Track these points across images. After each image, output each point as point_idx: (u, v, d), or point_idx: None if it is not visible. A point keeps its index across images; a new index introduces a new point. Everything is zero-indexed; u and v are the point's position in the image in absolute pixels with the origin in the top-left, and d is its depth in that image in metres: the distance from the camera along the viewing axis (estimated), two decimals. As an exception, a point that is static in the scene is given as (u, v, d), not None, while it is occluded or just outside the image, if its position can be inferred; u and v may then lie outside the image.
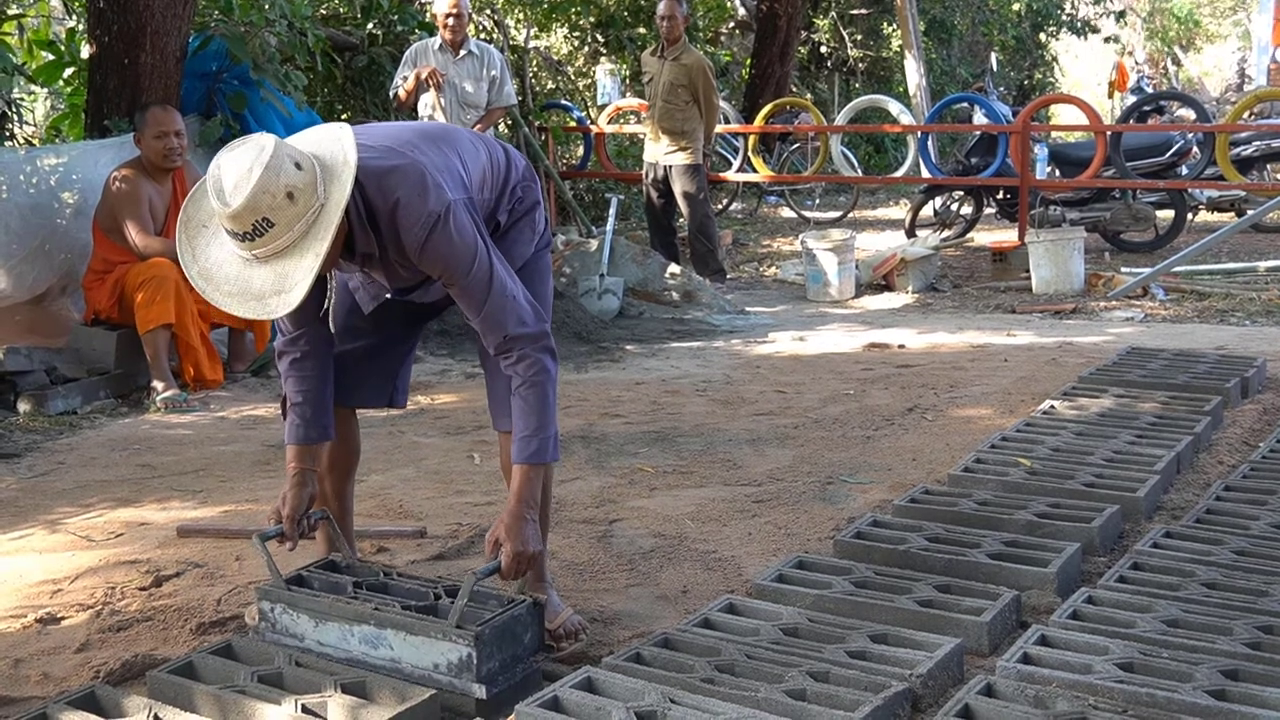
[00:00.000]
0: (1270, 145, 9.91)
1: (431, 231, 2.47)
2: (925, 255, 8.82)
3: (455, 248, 2.50)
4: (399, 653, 2.55)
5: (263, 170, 2.29)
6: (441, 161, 2.59)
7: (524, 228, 2.85)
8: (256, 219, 2.30)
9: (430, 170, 2.52)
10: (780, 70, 14.78)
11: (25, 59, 7.50)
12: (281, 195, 2.30)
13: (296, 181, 2.32)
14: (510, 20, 13.43)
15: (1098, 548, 3.32)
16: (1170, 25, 30.36)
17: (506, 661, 2.52)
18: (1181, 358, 5.54)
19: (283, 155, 2.32)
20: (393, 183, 2.48)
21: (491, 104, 7.55)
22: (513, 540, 2.57)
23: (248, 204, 2.29)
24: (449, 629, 2.48)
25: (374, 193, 2.48)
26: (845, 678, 2.45)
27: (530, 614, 2.58)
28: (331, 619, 2.62)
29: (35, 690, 2.66)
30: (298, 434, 2.78)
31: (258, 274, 2.36)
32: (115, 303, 5.64)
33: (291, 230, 2.33)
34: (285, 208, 2.31)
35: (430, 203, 2.47)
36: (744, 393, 5.54)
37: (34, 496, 4.17)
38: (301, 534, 2.78)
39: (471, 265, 2.52)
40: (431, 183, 2.49)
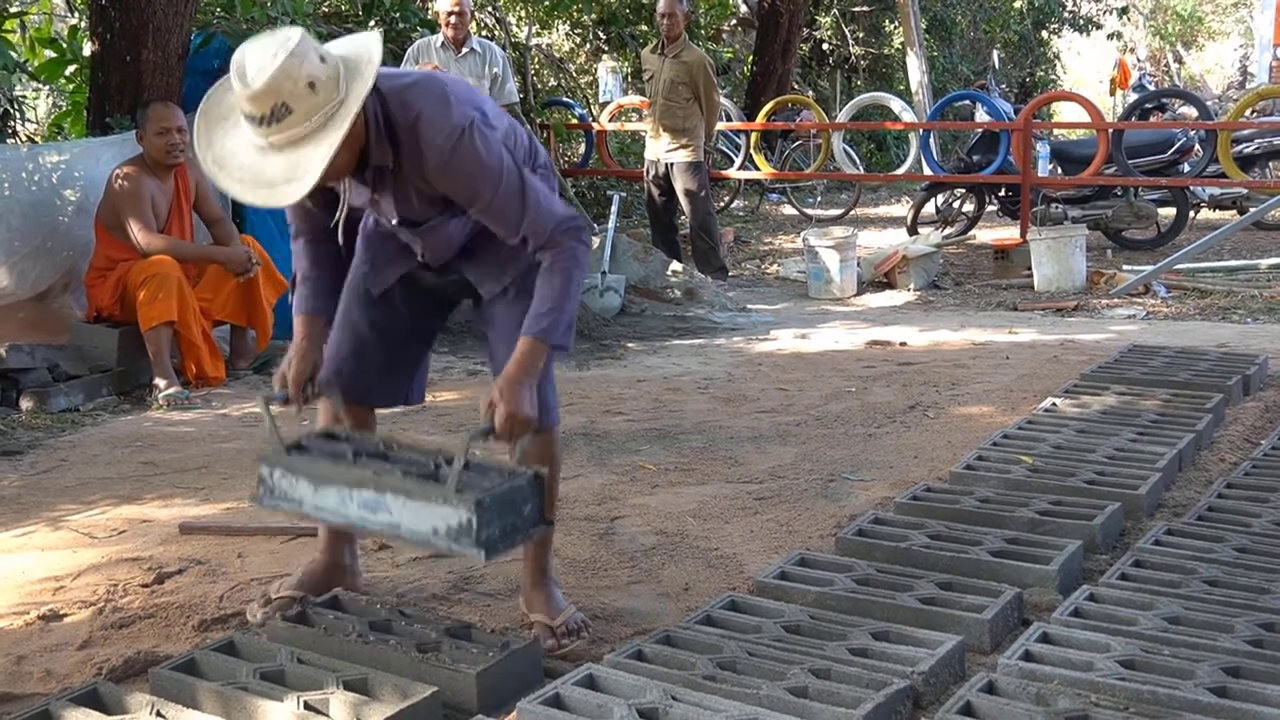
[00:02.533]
0: (1272, 143, 9.90)
1: (457, 144, 2.47)
2: (927, 253, 8.82)
3: (481, 162, 2.49)
4: (398, 518, 2.51)
5: (287, 56, 2.31)
6: (465, 92, 2.60)
7: None
8: (276, 103, 2.32)
9: (454, 89, 2.54)
10: (782, 67, 14.78)
11: (27, 56, 7.50)
12: (303, 83, 2.32)
13: (319, 73, 2.34)
14: (512, 18, 13.43)
15: (1099, 545, 3.32)
16: (1172, 22, 30.34)
17: (506, 530, 2.49)
18: (1183, 355, 5.54)
19: (308, 46, 2.35)
20: (414, 96, 2.49)
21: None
22: (507, 403, 2.53)
23: (269, 86, 2.30)
24: (450, 494, 2.44)
25: (395, 106, 2.48)
26: (847, 675, 2.46)
27: (531, 486, 2.55)
28: (331, 484, 2.58)
29: (37, 687, 2.67)
30: (306, 305, 2.82)
31: (271, 162, 2.37)
32: (117, 300, 5.64)
33: (309, 120, 2.34)
34: (305, 96, 2.32)
35: (454, 116, 2.47)
36: (746, 390, 5.54)
37: (36, 494, 4.18)
38: (306, 399, 2.80)
39: (500, 179, 2.51)
40: (454, 99, 2.50)
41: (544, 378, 2.75)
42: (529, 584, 2.93)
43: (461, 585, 3.19)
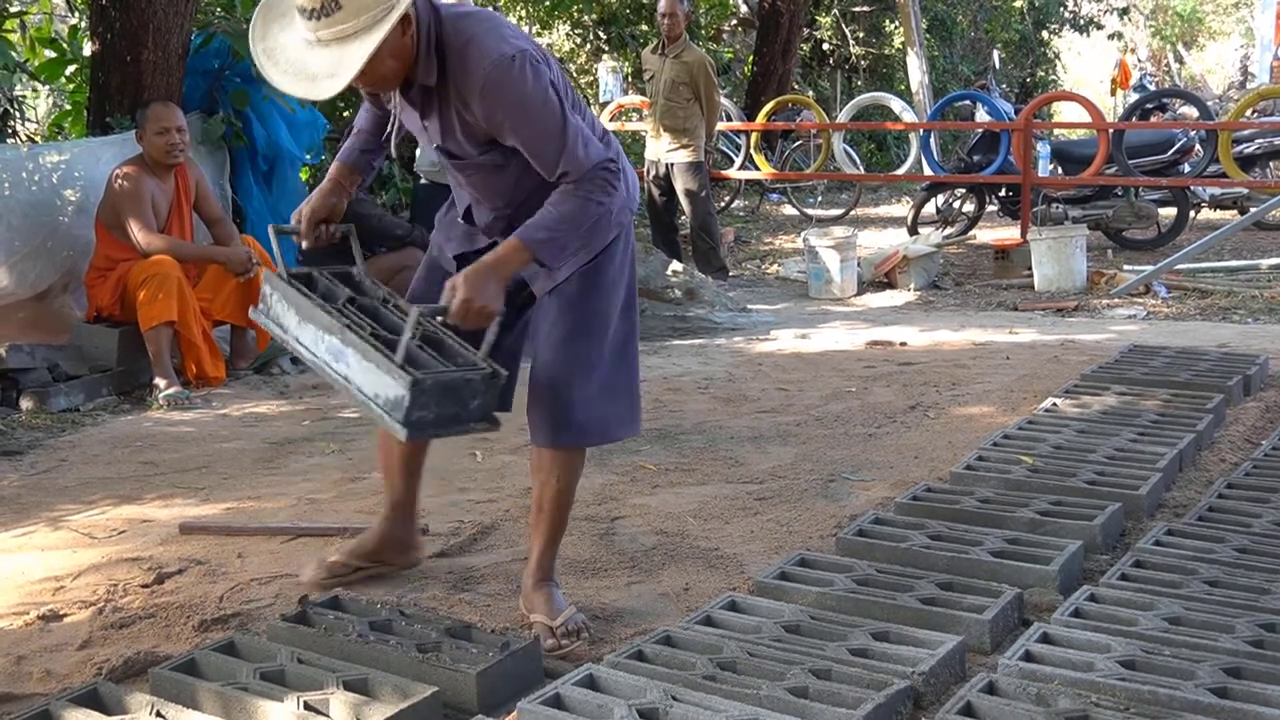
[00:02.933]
0: (1273, 143, 9.90)
1: (503, 71, 2.49)
2: (927, 253, 8.82)
3: (525, 92, 2.50)
4: (352, 372, 2.58)
5: None
6: (519, 32, 2.61)
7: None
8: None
9: (508, 25, 2.56)
10: (782, 67, 14.78)
11: (27, 56, 7.50)
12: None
13: None
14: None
15: (1100, 545, 3.32)
16: (1173, 22, 30.35)
17: (444, 418, 2.54)
18: (1184, 355, 5.53)
19: None
20: (470, 24, 2.54)
21: None
22: (467, 286, 2.55)
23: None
24: (393, 366, 2.50)
25: (449, 29, 2.54)
26: (847, 675, 2.45)
27: (484, 381, 2.59)
28: (310, 322, 2.67)
29: (37, 687, 2.67)
30: (343, 154, 2.94)
31: (316, 57, 2.44)
32: (117, 300, 5.64)
33: (358, 19, 2.39)
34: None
35: (504, 46, 2.50)
36: (746, 390, 5.54)
37: (36, 494, 4.18)
38: (318, 238, 2.86)
39: (541, 112, 2.51)
40: (509, 31, 2.54)
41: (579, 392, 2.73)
42: (530, 584, 2.93)
43: (462, 585, 3.19)
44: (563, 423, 2.77)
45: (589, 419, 2.79)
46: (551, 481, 2.84)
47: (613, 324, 2.82)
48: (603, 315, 2.79)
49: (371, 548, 3.17)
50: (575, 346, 2.76)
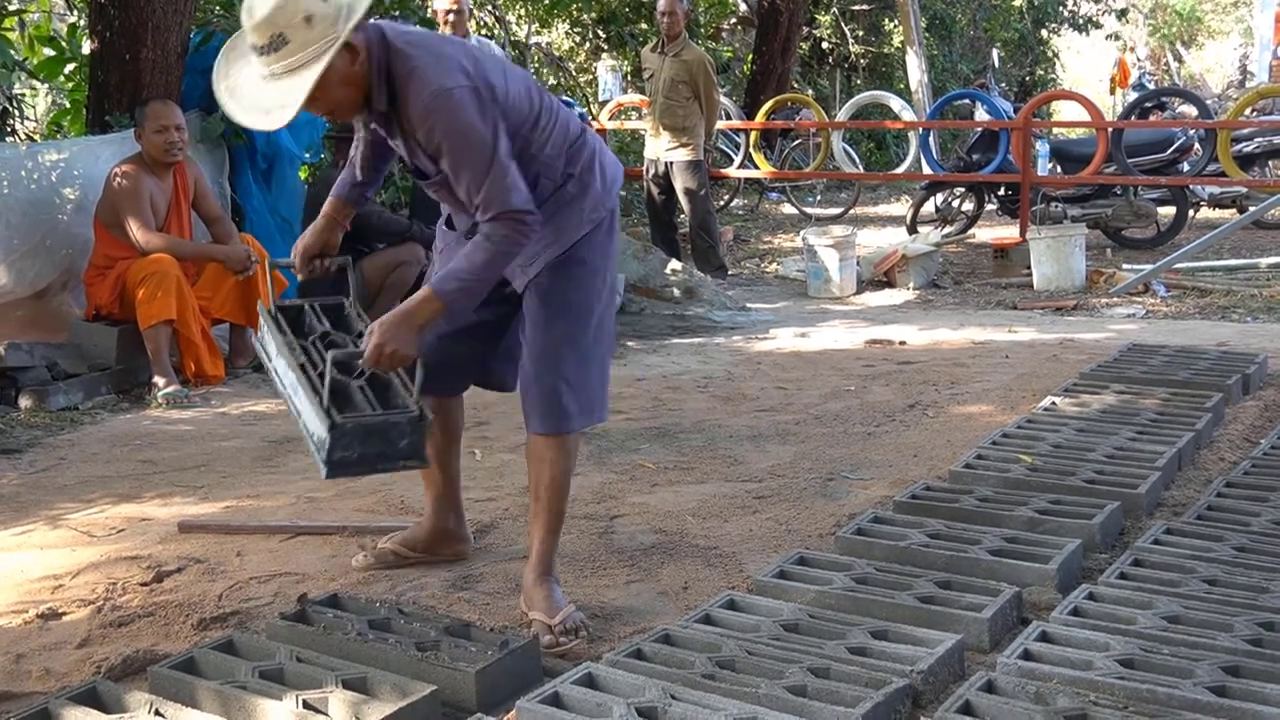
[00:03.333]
0: (1272, 142, 9.89)
1: (438, 101, 2.59)
2: (926, 252, 8.81)
3: (458, 125, 2.60)
4: (301, 409, 2.81)
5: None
6: (472, 60, 2.69)
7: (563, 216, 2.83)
8: (274, 33, 2.51)
9: (455, 56, 2.65)
10: (781, 66, 14.78)
11: (26, 54, 7.49)
12: (300, 17, 2.50)
13: (317, 10, 2.51)
14: (511, 16, 13.43)
15: (1098, 544, 3.32)
16: (1172, 21, 30.35)
17: (369, 457, 2.72)
18: (1183, 354, 5.53)
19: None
20: (415, 52, 2.64)
21: None
22: (380, 333, 2.69)
23: (269, 17, 2.50)
24: (318, 408, 2.71)
25: (397, 59, 2.64)
26: (846, 674, 2.45)
27: (410, 424, 2.75)
28: (281, 355, 2.90)
29: (36, 686, 2.67)
30: (337, 187, 3.07)
31: (269, 90, 2.57)
32: (116, 298, 5.64)
33: (304, 51, 2.51)
34: (301, 29, 2.50)
35: (445, 78, 2.60)
36: (745, 389, 5.54)
37: (35, 492, 4.18)
38: (313, 271, 3.02)
39: (470, 146, 2.61)
40: (451, 65, 2.63)
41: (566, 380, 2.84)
42: (529, 581, 2.94)
43: (461, 584, 3.19)
44: (552, 410, 2.86)
45: (577, 404, 2.88)
46: (545, 468, 2.91)
47: (595, 313, 2.90)
48: (584, 305, 2.87)
49: (422, 539, 3.31)
50: (560, 336, 2.85)
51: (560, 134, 2.83)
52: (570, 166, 2.84)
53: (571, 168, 2.84)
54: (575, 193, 2.84)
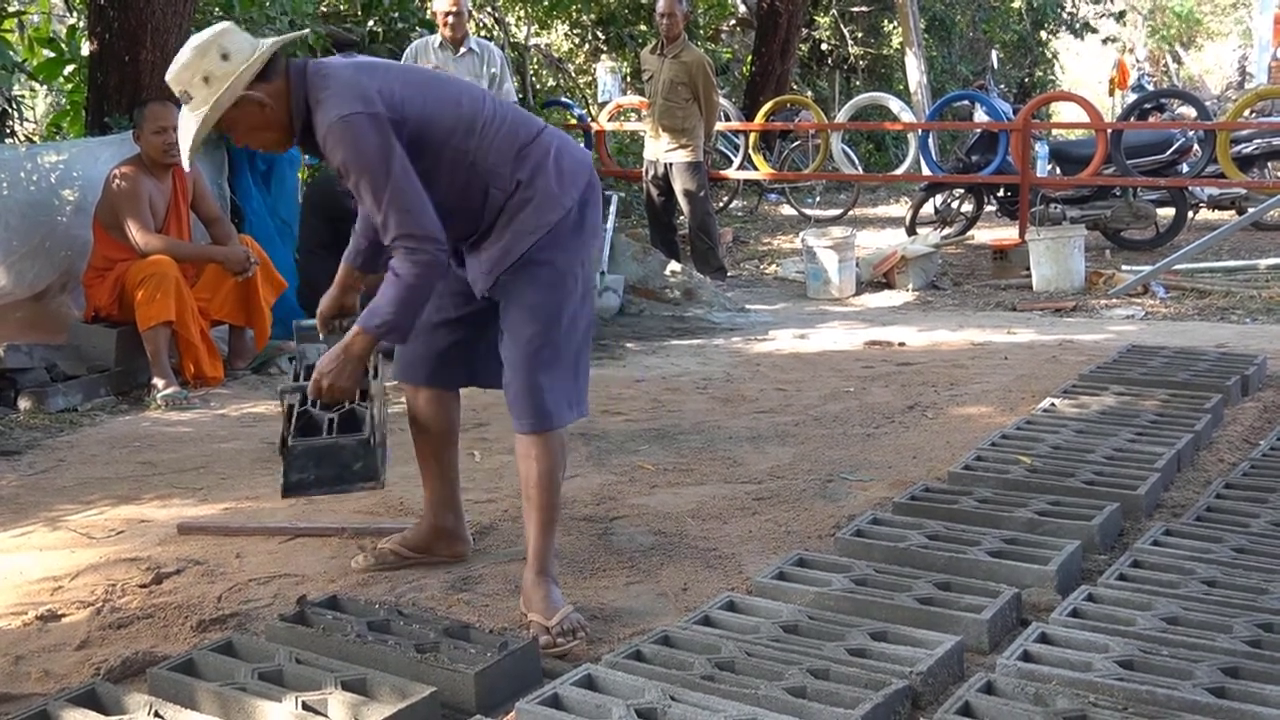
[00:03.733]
0: (1271, 143, 9.90)
1: (333, 129, 2.74)
2: (926, 253, 8.82)
3: (352, 150, 2.74)
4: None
5: (191, 51, 2.77)
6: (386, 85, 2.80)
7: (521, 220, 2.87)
8: (180, 89, 2.80)
9: (357, 84, 2.77)
10: (781, 67, 14.78)
11: (26, 56, 7.50)
12: (199, 77, 2.76)
13: (215, 69, 2.76)
14: (511, 17, 13.44)
15: (1098, 545, 3.32)
16: (1171, 23, 30.36)
17: (324, 479, 2.97)
18: (1182, 355, 5.54)
19: (216, 43, 2.77)
20: (324, 85, 2.79)
21: None
22: (320, 368, 2.91)
23: (174, 76, 2.80)
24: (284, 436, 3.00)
25: (312, 93, 2.80)
26: (845, 675, 2.45)
27: (361, 448, 2.97)
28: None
29: (35, 687, 2.67)
30: (347, 255, 3.20)
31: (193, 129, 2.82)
32: (116, 300, 5.64)
33: (206, 106, 2.77)
34: (200, 87, 2.77)
35: (341, 106, 2.74)
36: (744, 390, 5.54)
37: (34, 494, 4.18)
38: (332, 331, 3.19)
39: (364, 173, 2.74)
40: (351, 93, 2.75)
41: (543, 379, 2.87)
42: (528, 581, 2.94)
43: (460, 585, 3.19)
44: (532, 409, 2.90)
45: (556, 402, 2.91)
46: (531, 465, 2.94)
47: (566, 312, 2.92)
48: (553, 306, 2.90)
49: (420, 539, 3.33)
50: (533, 338, 2.88)
51: (507, 141, 2.87)
52: (520, 172, 2.87)
53: (521, 173, 2.87)
54: (527, 198, 2.87)
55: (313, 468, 2.96)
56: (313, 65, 2.84)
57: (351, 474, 2.98)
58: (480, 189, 2.86)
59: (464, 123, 2.85)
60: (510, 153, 2.87)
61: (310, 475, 2.96)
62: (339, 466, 2.97)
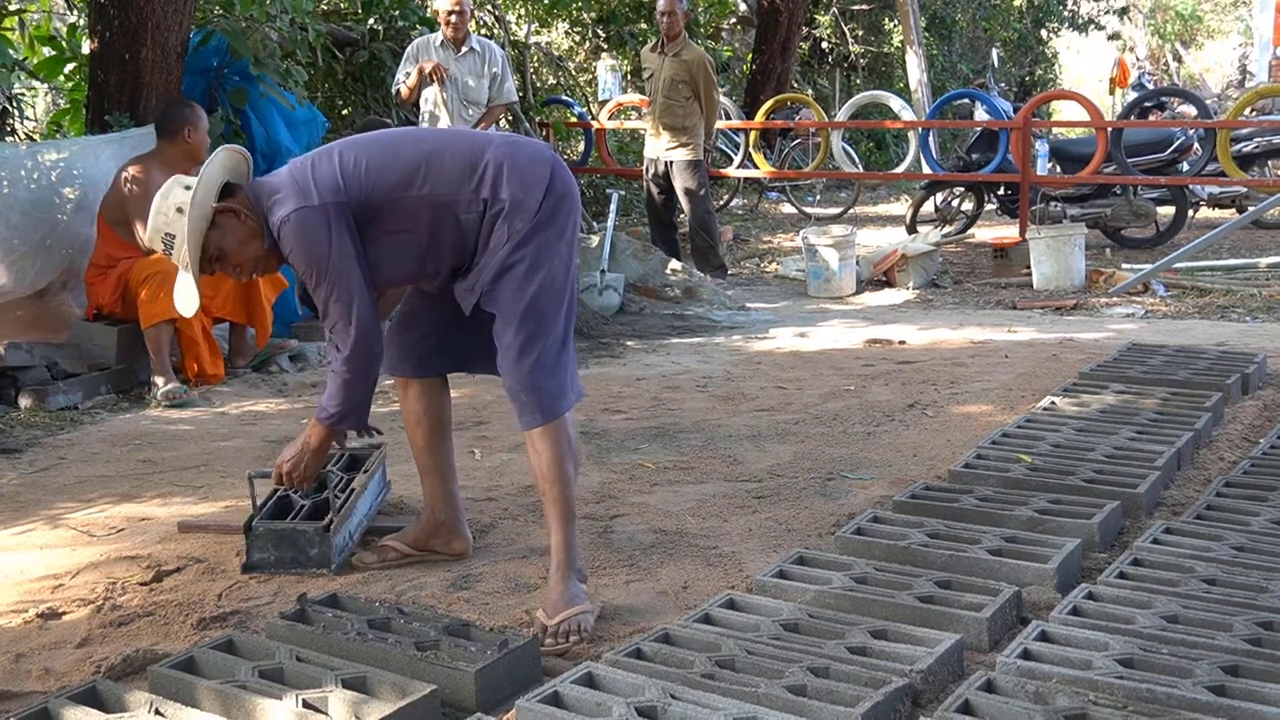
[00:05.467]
0: (1271, 141, 9.90)
1: (283, 231, 2.89)
2: (926, 251, 8.82)
3: (299, 246, 2.90)
4: None
5: (159, 196, 2.93)
6: (323, 170, 2.93)
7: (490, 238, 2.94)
8: (162, 236, 2.93)
9: (296, 180, 2.91)
10: (781, 66, 14.78)
11: (26, 54, 7.49)
12: (172, 212, 2.91)
13: (184, 199, 2.90)
14: (511, 16, 13.43)
15: (1098, 544, 3.32)
16: (1172, 21, 30.34)
17: (283, 560, 3.26)
18: (1182, 354, 5.54)
19: (176, 182, 2.95)
20: (264, 192, 2.96)
21: (493, 100, 7.55)
22: (281, 458, 3.17)
23: (153, 226, 2.94)
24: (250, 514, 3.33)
25: (263, 200, 2.95)
26: (845, 673, 2.46)
27: (317, 534, 3.24)
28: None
29: (36, 685, 2.67)
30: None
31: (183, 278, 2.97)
32: (119, 297, 5.64)
33: (190, 236, 2.90)
34: (178, 220, 2.90)
35: (285, 206, 2.89)
36: (745, 389, 5.54)
37: (35, 492, 4.18)
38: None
39: (310, 262, 2.90)
40: (292, 192, 2.90)
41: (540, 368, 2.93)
42: (549, 577, 2.97)
43: (460, 583, 3.19)
44: (533, 405, 2.95)
45: (554, 393, 2.96)
46: (540, 459, 2.98)
47: (555, 308, 2.98)
48: (540, 303, 2.94)
49: (420, 535, 3.36)
50: (525, 339, 2.93)
51: (457, 167, 2.94)
52: (482, 190, 2.93)
53: (484, 190, 2.92)
54: (498, 211, 2.92)
55: (272, 549, 3.27)
56: (260, 178, 3.03)
57: (307, 558, 3.25)
58: (450, 220, 2.93)
59: (409, 169, 2.94)
60: (464, 176, 2.93)
61: (270, 556, 3.27)
62: (296, 550, 3.26)
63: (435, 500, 3.34)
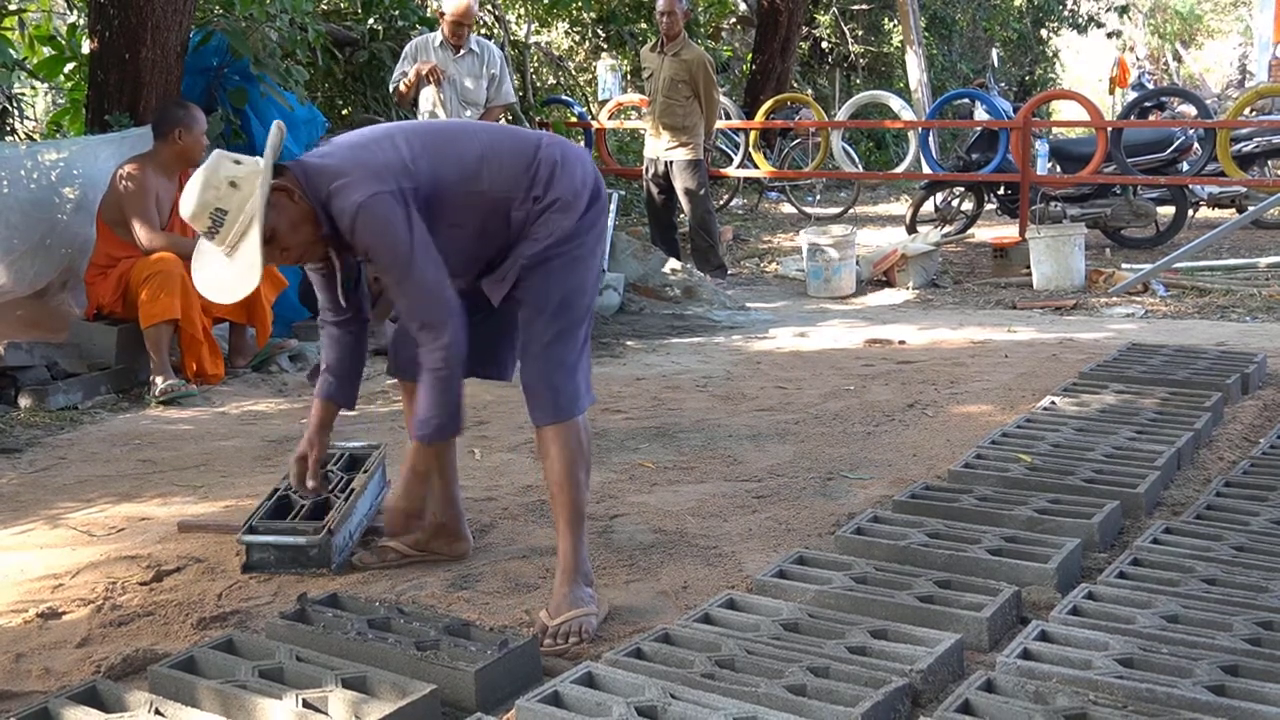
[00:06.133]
0: (1271, 141, 9.90)
1: (357, 216, 2.73)
2: (926, 251, 8.82)
3: (376, 234, 2.75)
4: None
5: (204, 170, 2.73)
6: (388, 155, 2.80)
7: (537, 228, 2.90)
8: (211, 211, 2.70)
9: (362, 162, 2.77)
10: (781, 66, 14.77)
11: (26, 54, 7.49)
12: (225, 186, 2.70)
13: (237, 172, 2.72)
14: (511, 15, 13.43)
15: (1098, 543, 3.32)
16: (1172, 21, 30.35)
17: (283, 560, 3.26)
18: (1182, 354, 5.53)
19: (222, 156, 2.76)
20: (325, 176, 2.77)
21: (490, 102, 7.53)
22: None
23: (199, 200, 2.71)
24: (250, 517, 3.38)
25: (321, 181, 2.77)
26: (845, 673, 2.46)
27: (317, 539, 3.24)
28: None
29: (36, 685, 2.67)
30: (327, 389, 3.11)
31: (233, 265, 2.75)
32: (119, 297, 5.64)
33: (244, 212, 2.69)
34: (232, 194, 2.70)
35: (359, 190, 2.72)
36: (744, 388, 5.54)
37: (35, 491, 4.18)
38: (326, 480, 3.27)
39: (391, 252, 2.76)
40: (360, 175, 2.74)
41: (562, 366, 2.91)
42: (555, 581, 2.95)
43: (460, 583, 3.19)
44: (549, 401, 2.92)
45: (572, 392, 2.94)
46: (552, 463, 2.95)
47: (585, 301, 2.97)
48: (572, 297, 2.93)
49: (421, 538, 3.33)
50: (556, 331, 2.91)
51: (512, 164, 2.90)
52: (535, 188, 2.90)
53: (536, 188, 2.90)
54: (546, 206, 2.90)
55: (273, 550, 3.27)
56: (309, 156, 2.86)
57: (308, 559, 3.26)
58: (503, 215, 2.89)
59: (470, 164, 2.88)
60: (520, 173, 2.89)
61: (270, 556, 3.28)
62: (296, 552, 3.26)
63: (439, 503, 3.32)
